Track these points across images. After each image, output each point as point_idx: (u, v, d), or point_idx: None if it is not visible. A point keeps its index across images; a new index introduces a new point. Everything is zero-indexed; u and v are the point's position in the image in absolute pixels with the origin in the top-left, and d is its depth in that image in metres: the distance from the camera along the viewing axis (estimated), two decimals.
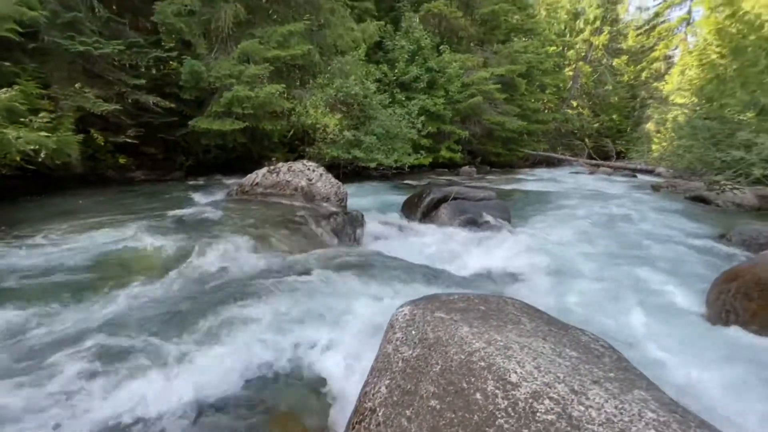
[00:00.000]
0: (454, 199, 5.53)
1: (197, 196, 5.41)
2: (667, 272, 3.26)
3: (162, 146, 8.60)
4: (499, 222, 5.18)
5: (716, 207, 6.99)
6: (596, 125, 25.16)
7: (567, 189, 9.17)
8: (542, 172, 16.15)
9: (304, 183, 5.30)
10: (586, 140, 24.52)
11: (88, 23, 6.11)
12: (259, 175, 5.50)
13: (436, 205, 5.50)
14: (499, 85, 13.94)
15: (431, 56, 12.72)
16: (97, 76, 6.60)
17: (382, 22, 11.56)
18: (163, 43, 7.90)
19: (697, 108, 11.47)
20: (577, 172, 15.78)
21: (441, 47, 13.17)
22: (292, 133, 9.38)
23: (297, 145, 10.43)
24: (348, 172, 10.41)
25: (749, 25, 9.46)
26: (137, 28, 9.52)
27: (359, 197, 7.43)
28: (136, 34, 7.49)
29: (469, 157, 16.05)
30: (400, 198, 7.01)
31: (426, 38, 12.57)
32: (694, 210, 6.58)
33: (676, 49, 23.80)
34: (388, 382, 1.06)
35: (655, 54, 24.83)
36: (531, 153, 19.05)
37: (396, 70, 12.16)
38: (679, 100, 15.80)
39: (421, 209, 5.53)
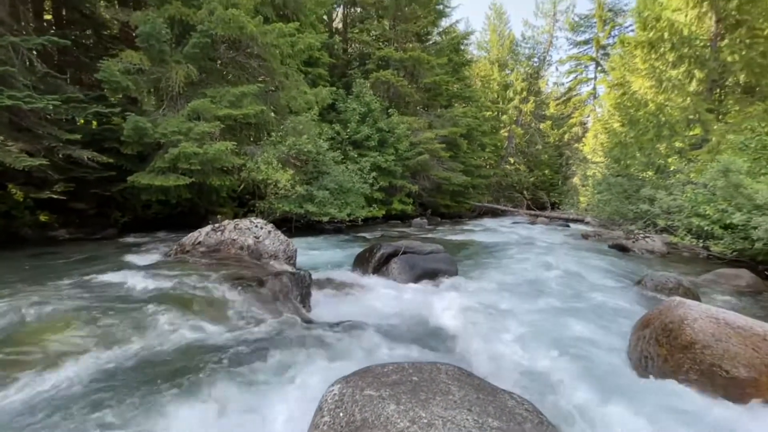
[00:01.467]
0: (404, 253, 5.66)
1: (128, 258, 4.98)
2: (595, 321, 3.54)
3: (94, 202, 7.97)
4: (447, 275, 5.37)
5: (634, 254, 7.86)
6: (532, 179, 27.93)
7: (509, 240, 9.82)
8: (488, 222, 17.23)
9: (250, 241, 5.15)
10: (525, 192, 26.98)
11: (21, 78, 5.85)
12: (202, 233, 5.26)
13: (387, 259, 5.59)
14: (443, 145, 15.21)
15: (381, 118, 13.70)
16: (25, 129, 6.18)
17: (334, 88, 12.39)
18: (108, 99, 7.72)
19: (610, 167, 13.35)
20: (518, 222, 17.04)
21: (390, 110, 14.29)
22: (242, 187, 9.26)
23: (248, 199, 10.26)
24: (300, 226, 10.32)
25: (638, 102, 11.55)
26: (80, 83, 9.26)
27: (311, 252, 7.33)
28: (76, 89, 7.27)
29: (421, 209, 16.80)
30: (353, 252, 7.03)
31: (376, 102, 13.61)
32: (615, 257, 7.34)
33: (588, 117, 28.02)
34: None
35: (573, 120, 28.98)
36: (477, 204, 20.40)
37: (348, 130, 12.84)
38: (597, 159, 18.31)
39: (372, 264, 5.57)
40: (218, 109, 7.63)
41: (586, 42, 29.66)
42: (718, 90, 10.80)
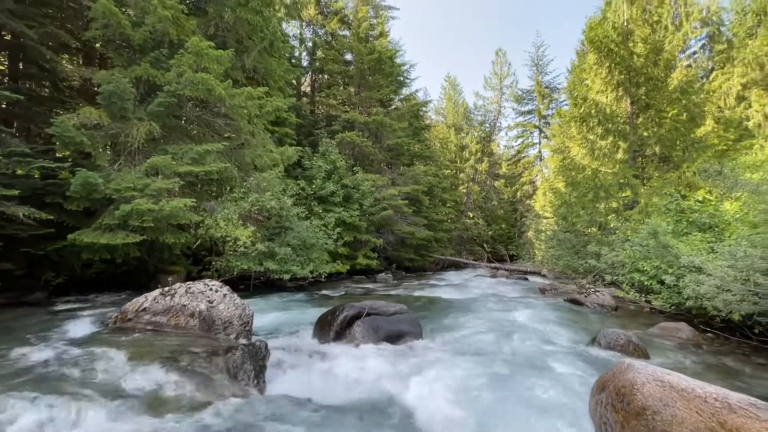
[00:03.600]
0: (368, 314, 5.54)
1: (55, 329, 4.41)
2: (558, 386, 3.58)
3: (24, 261, 7.16)
4: (412, 338, 5.27)
5: (587, 308, 8.24)
6: (491, 233, 29.31)
7: (471, 295, 9.97)
8: (451, 276, 17.48)
9: (203, 306, 4.81)
10: (485, 245, 28.08)
11: None
12: (148, 298, 4.85)
13: (351, 322, 5.42)
14: (406, 201, 15.81)
15: (346, 175, 14.13)
16: None
17: (301, 147, 12.76)
18: (57, 153, 7.35)
19: (559, 223, 14.43)
20: (479, 275, 17.45)
21: (355, 168, 14.83)
22: (198, 244, 8.81)
23: (203, 255, 9.73)
24: (259, 284, 9.84)
25: (577, 166, 12.92)
26: (28, 134, 8.81)
27: (269, 314, 6.95)
28: (22, 142, 6.88)
29: (386, 263, 16.78)
30: (314, 312, 6.77)
31: (341, 160, 14.11)
32: (570, 313, 7.64)
33: (536, 176, 30.72)
34: None
35: (523, 179, 31.59)
36: (440, 258, 20.80)
37: (314, 186, 13.03)
38: (547, 215, 19.77)
39: (334, 328, 5.36)
40: (179, 165, 7.49)
41: (529, 112, 33.57)
42: (640, 158, 12.46)
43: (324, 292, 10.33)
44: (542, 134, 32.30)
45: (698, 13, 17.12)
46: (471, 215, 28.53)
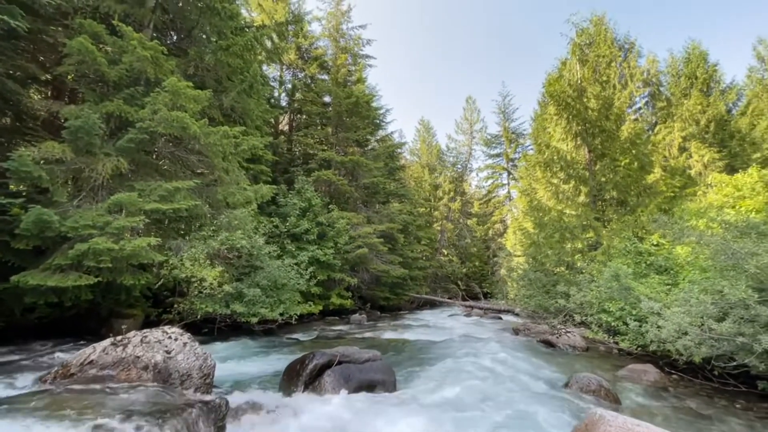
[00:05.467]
0: (339, 363, 5.31)
1: None
2: None
3: None
4: (384, 388, 5.05)
5: (559, 349, 8.29)
6: (465, 270, 29.58)
7: (446, 338, 9.80)
8: (426, 315, 17.24)
9: (159, 357, 4.44)
10: (459, 283, 28.17)
11: None
12: (96, 350, 4.42)
13: (321, 371, 5.17)
14: (381, 239, 15.82)
15: (321, 213, 14.07)
16: None
17: (276, 185, 12.70)
18: (10, 187, 6.89)
19: (530, 261, 14.81)
20: (454, 315, 17.32)
21: (330, 206, 14.84)
22: (160, 284, 8.28)
23: (166, 296, 9.11)
24: (225, 327, 9.26)
25: (543, 208, 13.56)
26: None
27: (234, 362, 6.51)
28: None
29: (360, 303, 16.36)
30: (283, 358, 6.43)
31: (317, 198, 14.11)
32: (543, 355, 7.65)
33: (507, 215, 31.91)
34: None
35: (494, 218, 32.71)
36: (415, 296, 20.59)
37: (288, 223, 12.83)
38: (517, 254, 20.30)
39: (303, 378, 5.07)
40: (146, 203, 7.19)
41: (498, 155, 35.59)
42: (600, 202, 13.31)
43: (294, 335, 9.85)
44: (510, 176, 34.05)
45: (640, 74, 19.34)
46: (445, 252, 28.85)
